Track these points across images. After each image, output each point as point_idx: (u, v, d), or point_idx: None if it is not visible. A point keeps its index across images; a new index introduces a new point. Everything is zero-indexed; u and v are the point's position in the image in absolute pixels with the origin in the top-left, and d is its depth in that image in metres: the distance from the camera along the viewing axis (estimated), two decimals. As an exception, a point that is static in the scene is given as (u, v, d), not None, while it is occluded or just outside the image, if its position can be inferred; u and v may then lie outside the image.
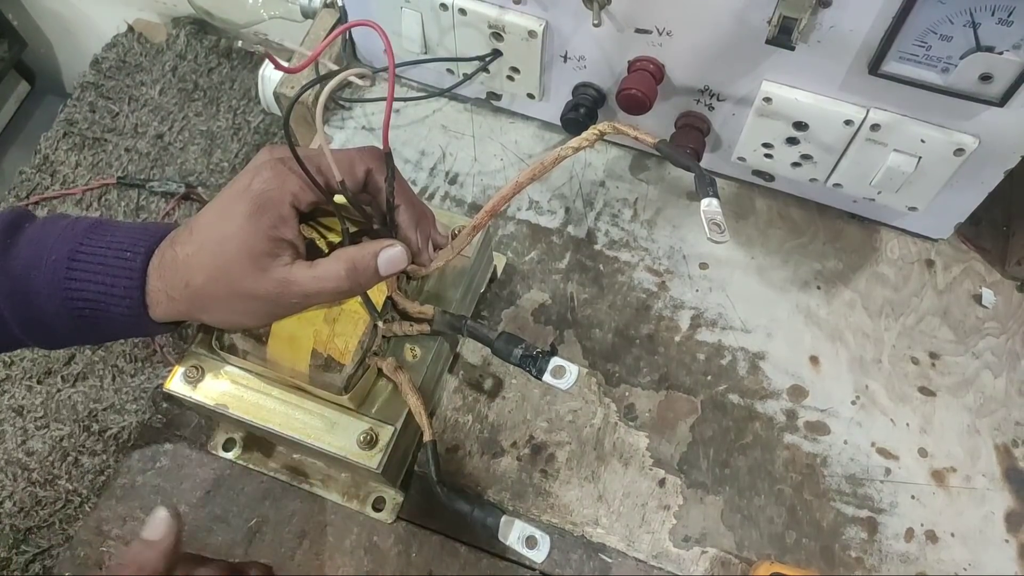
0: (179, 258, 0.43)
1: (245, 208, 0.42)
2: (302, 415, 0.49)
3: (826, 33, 0.52)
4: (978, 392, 0.60)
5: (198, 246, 0.42)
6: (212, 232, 0.42)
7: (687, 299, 0.63)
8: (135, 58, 1.11)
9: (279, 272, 0.42)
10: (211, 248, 0.42)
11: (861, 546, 0.54)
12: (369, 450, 0.48)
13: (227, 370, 0.50)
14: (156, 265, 0.44)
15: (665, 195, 0.67)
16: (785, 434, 0.58)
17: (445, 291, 0.53)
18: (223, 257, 0.42)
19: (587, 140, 0.46)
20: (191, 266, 0.42)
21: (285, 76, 0.69)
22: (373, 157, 0.44)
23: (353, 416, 0.49)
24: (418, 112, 0.71)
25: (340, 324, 0.47)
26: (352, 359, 0.47)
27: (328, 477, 0.56)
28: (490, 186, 0.68)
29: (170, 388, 0.50)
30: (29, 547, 0.80)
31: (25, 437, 0.84)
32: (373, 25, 0.40)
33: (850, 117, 0.55)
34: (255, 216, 0.41)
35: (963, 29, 0.47)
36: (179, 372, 0.50)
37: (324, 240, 0.48)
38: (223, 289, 0.42)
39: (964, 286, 0.64)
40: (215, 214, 0.43)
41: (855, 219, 0.66)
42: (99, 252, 0.43)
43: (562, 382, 0.44)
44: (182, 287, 0.43)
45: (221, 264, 0.42)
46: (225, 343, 0.49)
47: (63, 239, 0.44)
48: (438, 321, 0.50)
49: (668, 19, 0.56)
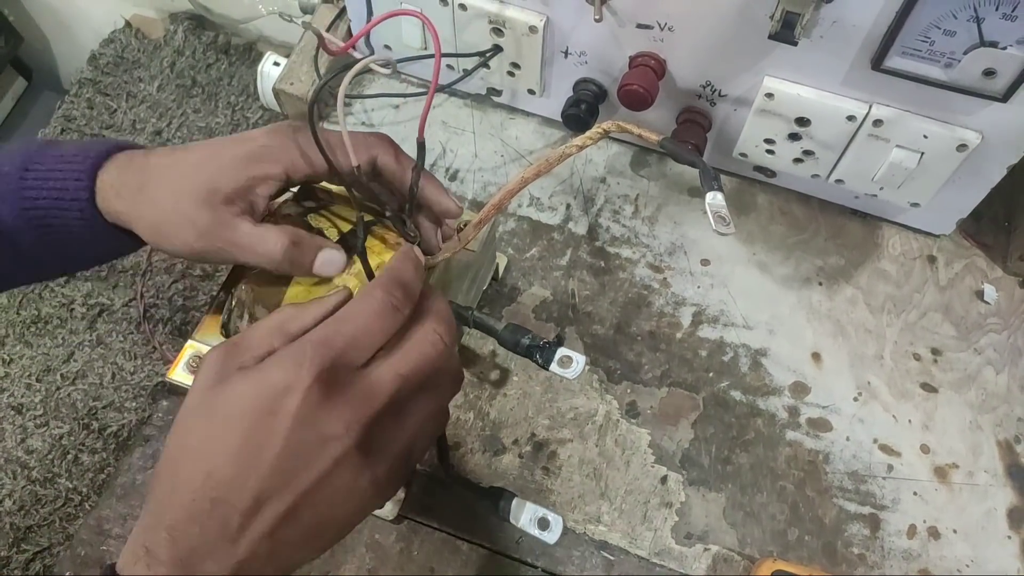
0: (149, 163, 0.43)
1: (242, 152, 0.42)
2: None
3: (829, 28, 0.51)
4: (980, 388, 0.59)
5: (173, 161, 0.43)
6: (196, 156, 0.43)
7: (689, 295, 0.63)
8: (132, 54, 1.11)
9: (223, 214, 0.42)
10: (185, 168, 0.42)
11: (863, 543, 0.54)
12: None
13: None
14: (119, 163, 0.44)
15: (666, 191, 0.67)
16: (787, 431, 0.58)
17: (450, 283, 0.53)
18: (189, 179, 0.42)
19: (591, 138, 0.46)
20: (156, 175, 0.43)
21: (285, 72, 0.69)
22: (381, 143, 0.44)
23: None
24: (418, 108, 0.71)
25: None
26: None
27: None
28: (491, 182, 0.67)
29: (172, 378, 0.49)
30: (29, 546, 0.80)
31: (25, 435, 0.83)
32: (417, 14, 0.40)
33: (852, 113, 0.55)
34: (245, 163, 0.42)
35: (967, 24, 0.47)
36: (182, 361, 0.50)
37: (335, 229, 0.48)
38: (169, 203, 0.42)
39: (966, 282, 0.64)
40: (209, 145, 0.43)
41: (857, 215, 0.66)
42: (51, 160, 0.44)
43: (569, 371, 0.44)
44: (135, 188, 0.43)
45: (184, 185, 0.42)
46: (231, 331, 0.49)
47: (17, 153, 0.44)
48: None
49: (670, 14, 0.55)
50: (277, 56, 0.74)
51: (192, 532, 0.32)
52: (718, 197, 0.45)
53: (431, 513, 0.55)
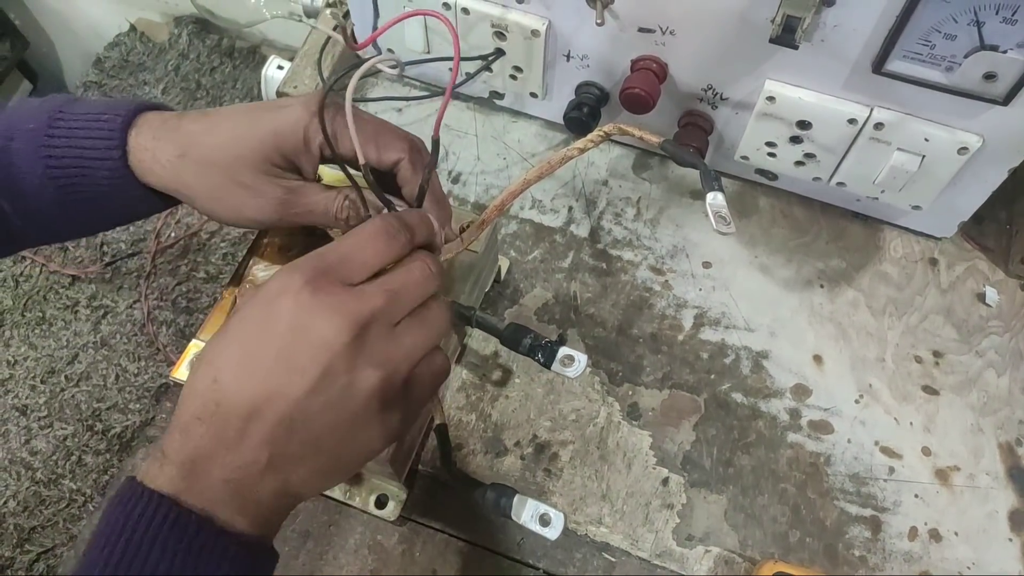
0: (183, 127, 0.42)
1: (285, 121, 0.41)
2: None
3: (830, 32, 0.52)
4: (982, 391, 0.59)
5: (211, 126, 0.42)
6: (234, 124, 0.42)
7: (690, 298, 0.63)
8: (137, 57, 1.11)
9: (289, 182, 0.42)
10: (225, 135, 0.41)
11: (865, 545, 0.54)
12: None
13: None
14: (152, 124, 0.42)
15: (668, 194, 0.67)
16: (789, 433, 0.58)
17: (453, 284, 0.53)
18: (235, 149, 0.41)
19: (593, 141, 0.46)
20: (195, 140, 0.41)
21: (289, 75, 0.69)
22: (408, 149, 0.44)
23: None
24: (421, 111, 0.71)
25: None
26: None
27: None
28: (493, 185, 0.68)
29: (176, 377, 0.50)
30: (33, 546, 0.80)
31: (29, 436, 0.84)
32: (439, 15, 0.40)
33: (854, 116, 0.55)
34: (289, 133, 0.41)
35: (967, 28, 0.47)
36: (185, 361, 0.50)
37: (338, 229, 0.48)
38: (219, 176, 0.41)
39: (968, 285, 0.64)
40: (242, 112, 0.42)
41: (858, 218, 0.66)
42: (79, 117, 0.42)
43: (570, 370, 0.45)
44: (175, 156, 0.41)
45: (232, 154, 0.41)
46: None
47: (40, 110, 0.43)
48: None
49: (671, 18, 0.56)
50: (281, 60, 0.75)
51: (198, 433, 0.33)
52: (719, 197, 0.45)
53: (433, 514, 0.55)
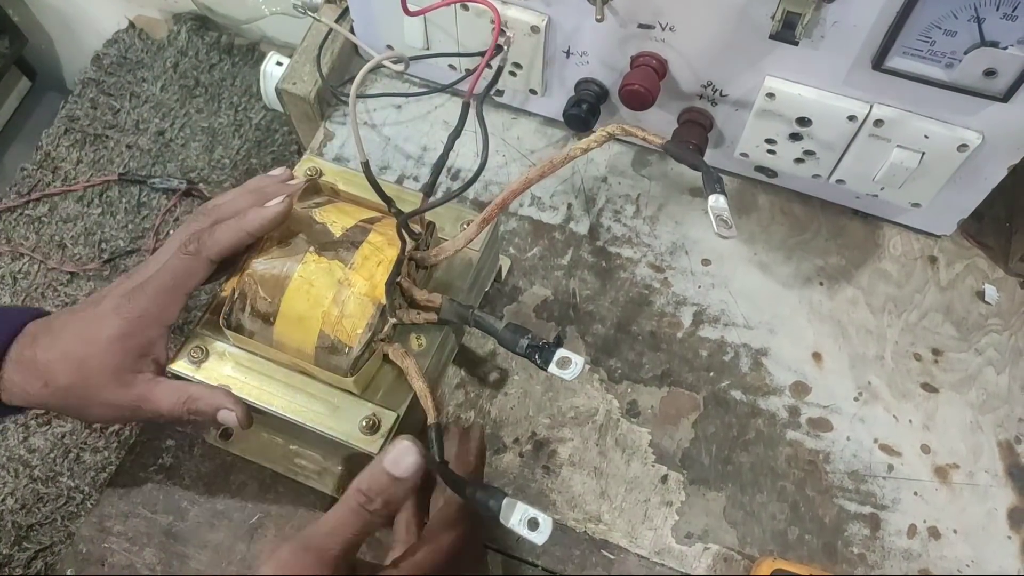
0: (39, 360, 0.46)
1: (114, 330, 0.45)
2: (305, 399, 0.49)
3: (829, 28, 0.51)
4: (981, 388, 0.59)
5: (60, 354, 0.46)
6: (75, 345, 0.46)
7: (689, 295, 0.63)
8: (136, 54, 1.11)
9: (140, 387, 0.47)
10: (73, 360, 0.45)
11: (864, 542, 0.54)
12: (371, 435, 0.48)
13: (231, 351, 0.50)
14: (13, 359, 0.46)
15: (667, 191, 0.67)
16: (788, 430, 0.58)
17: (453, 281, 0.53)
18: (85, 371, 0.45)
19: (596, 141, 0.46)
20: (52, 371, 0.46)
21: (287, 72, 0.69)
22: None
23: (356, 401, 0.49)
24: (420, 108, 0.71)
25: (349, 306, 0.47)
26: (359, 341, 0.47)
27: (324, 470, 0.56)
28: (492, 182, 0.68)
29: (173, 368, 0.50)
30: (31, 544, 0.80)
31: (27, 434, 0.84)
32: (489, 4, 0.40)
33: (853, 113, 0.55)
34: (123, 339, 0.46)
35: (967, 24, 0.47)
36: (185, 352, 0.50)
37: (339, 224, 0.48)
38: (82, 397, 0.46)
39: (967, 282, 0.64)
40: (81, 326, 0.46)
41: (858, 215, 0.66)
42: None
43: (567, 372, 0.44)
44: (40, 386, 0.46)
45: (83, 377, 0.45)
46: (232, 322, 0.49)
47: None
48: (446, 309, 0.50)
49: (671, 14, 0.56)
50: (280, 56, 0.75)
51: None
52: (720, 200, 0.45)
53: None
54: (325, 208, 0.50)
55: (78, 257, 0.98)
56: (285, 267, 0.48)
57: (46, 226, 1.00)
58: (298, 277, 0.47)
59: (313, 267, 0.48)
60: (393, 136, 0.70)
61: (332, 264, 0.48)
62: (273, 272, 0.48)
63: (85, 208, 1.01)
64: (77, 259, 0.98)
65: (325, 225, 0.48)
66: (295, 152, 1.03)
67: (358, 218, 0.50)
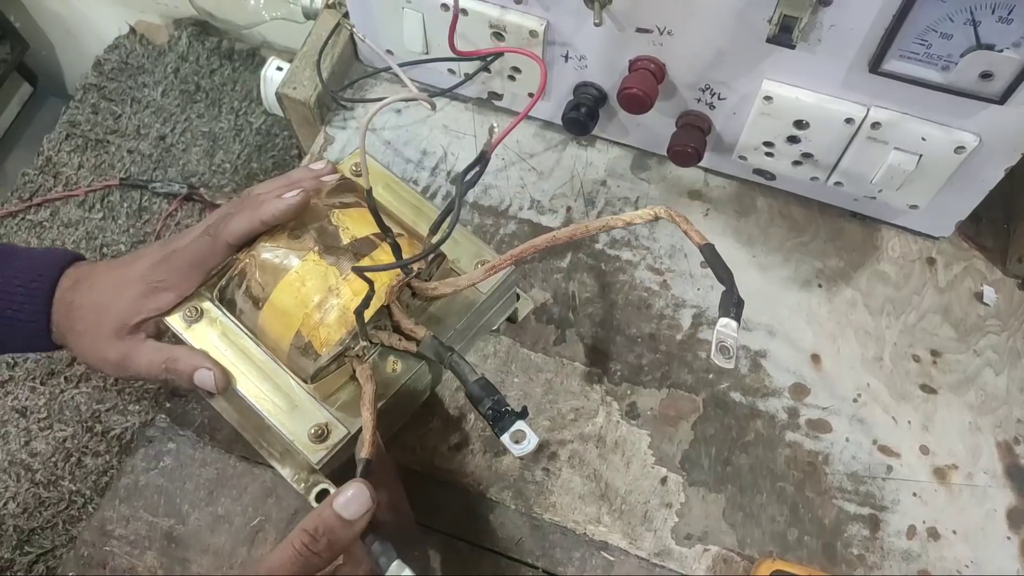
0: (74, 304, 0.51)
1: (136, 293, 0.51)
2: (271, 388, 0.50)
3: (826, 32, 0.52)
4: (979, 390, 0.60)
5: (90, 303, 0.51)
6: (103, 298, 0.51)
7: (688, 298, 0.63)
8: (137, 60, 1.12)
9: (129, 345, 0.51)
10: (96, 310, 0.51)
11: (863, 543, 0.54)
12: (317, 443, 0.48)
13: (223, 321, 0.51)
14: (58, 299, 0.52)
15: (666, 194, 0.67)
16: (787, 432, 0.58)
17: (447, 318, 0.53)
18: (99, 322, 0.51)
19: (640, 218, 0.47)
20: (80, 316, 0.51)
21: (288, 76, 0.69)
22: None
23: (316, 406, 0.49)
24: (420, 112, 0.71)
25: (330, 316, 0.47)
26: (329, 353, 0.47)
27: (287, 452, 0.56)
28: (492, 185, 0.68)
29: (168, 320, 0.52)
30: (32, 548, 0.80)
31: (28, 438, 0.84)
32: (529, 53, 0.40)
33: (851, 115, 0.56)
34: (140, 301, 0.51)
35: (963, 27, 0.48)
36: (182, 308, 0.52)
37: (349, 232, 0.49)
38: (87, 345, 0.52)
39: (965, 284, 0.64)
40: (113, 283, 0.52)
41: (856, 217, 0.66)
42: (8, 277, 0.51)
43: (517, 447, 0.43)
44: (67, 328, 0.52)
45: (96, 326, 0.51)
46: (226, 296, 0.50)
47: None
48: (425, 345, 0.49)
49: (669, 18, 0.56)
50: (280, 61, 0.75)
51: None
52: (731, 326, 0.43)
53: (431, 514, 0.55)
54: (346, 211, 0.50)
55: (79, 262, 0.98)
56: (286, 259, 0.48)
57: (48, 231, 1.00)
58: (294, 272, 0.48)
59: (311, 266, 0.48)
60: (393, 140, 0.70)
61: (329, 269, 0.48)
62: (274, 261, 0.49)
63: (86, 213, 1.01)
64: (78, 264, 0.98)
65: (337, 229, 0.49)
66: (296, 156, 1.03)
67: (372, 230, 0.50)
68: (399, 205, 0.55)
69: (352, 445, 0.50)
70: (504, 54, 0.63)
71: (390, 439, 0.56)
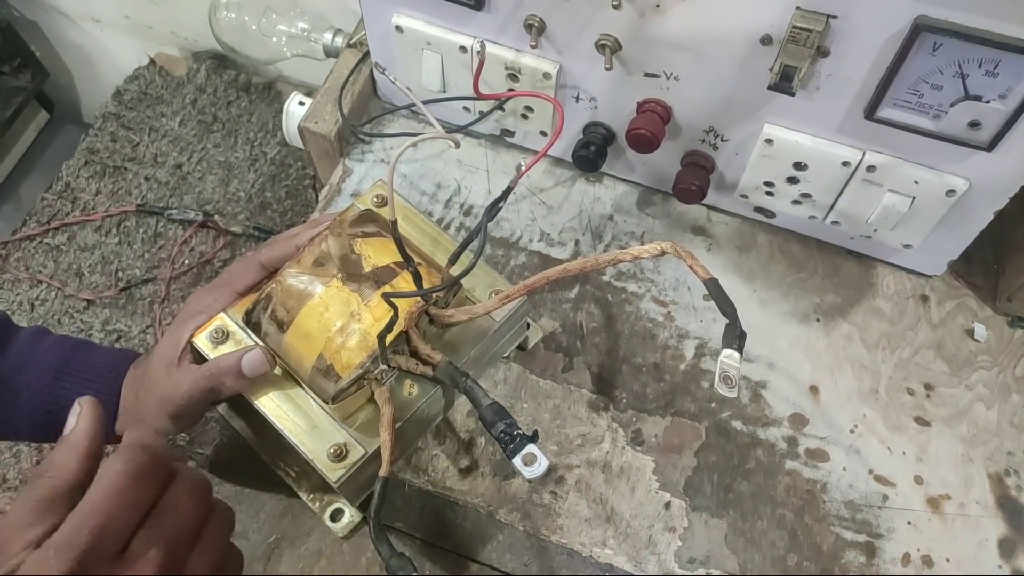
0: (138, 376, 0.55)
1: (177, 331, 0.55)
2: (292, 408, 0.52)
3: (824, 81, 0.55)
4: (971, 423, 0.62)
5: (146, 387, 0.54)
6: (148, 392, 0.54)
7: (692, 329, 0.65)
8: (156, 90, 1.15)
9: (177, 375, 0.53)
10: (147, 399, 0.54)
11: (860, 570, 0.56)
12: (336, 463, 0.50)
13: (248, 344, 0.53)
14: (127, 380, 0.56)
15: (671, 229, 0.70)
16: (786, 460, 0.60)
17: (462, 345, 0.55)
18: (152, 376, 0.54)
19: (648, 252, 0.49)
20: (141, 383, 0.54)
21: (310, 111, 0.72)
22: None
23: (335, 426, 0.51)
24: (435, 147, 0.74)
25: (351, 340, 0.50)
26: (349, 375, 0.50)
27: (303, 472, 0.58)
28: (503, 218, 0.70)
29: (195, 341, 0.54)
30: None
31: (40, 457, 0.85)
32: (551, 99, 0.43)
33: (847, 159, 0.59)
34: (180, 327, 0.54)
35: (952, 79, 0.51)
36: (208, 330, 0.54)
37: (371, 261, 0.51)
38: (150, 395, 0.53)
39: (957, 321, 0.66)
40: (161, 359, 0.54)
41: (852, 255, 0.69)
42: (86, 367, 0.55)
43: (528, 470, 0.44)
44: (133, 398, 0.55)
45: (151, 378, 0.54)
46: (252, 319, 0.52)
47: (51, 351, 0.55)
48: (441, 370, 0.51)
49: (676, 65, 0.59)
50: (302, 96, 0.78)
51: None
52: (734, 357, 0.45)
53: (442, 534, 0.56)
54: (368, 240, 0.53)
55: (95, 285, 1.00)
56: (311, 285, 0.51)
57: (64, 254, 1.02)
58: (318, 298, 0.50)
59: (335, 292, 0.50)
60: (409, 173, 0.73)
61: (351, 296, 0.50)
62: (299, 286, 0.51)
63: (103, 238, 1.03)
64: (94, 287, 1.00)
65: (360, 258, 0.51)
66: (309, 187, 1.06)
67: (392, 259, 0.52)
68: (418, 236, 0.58)
69: (370, 465, 0.52)
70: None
71: (403, 460, 0.58)
